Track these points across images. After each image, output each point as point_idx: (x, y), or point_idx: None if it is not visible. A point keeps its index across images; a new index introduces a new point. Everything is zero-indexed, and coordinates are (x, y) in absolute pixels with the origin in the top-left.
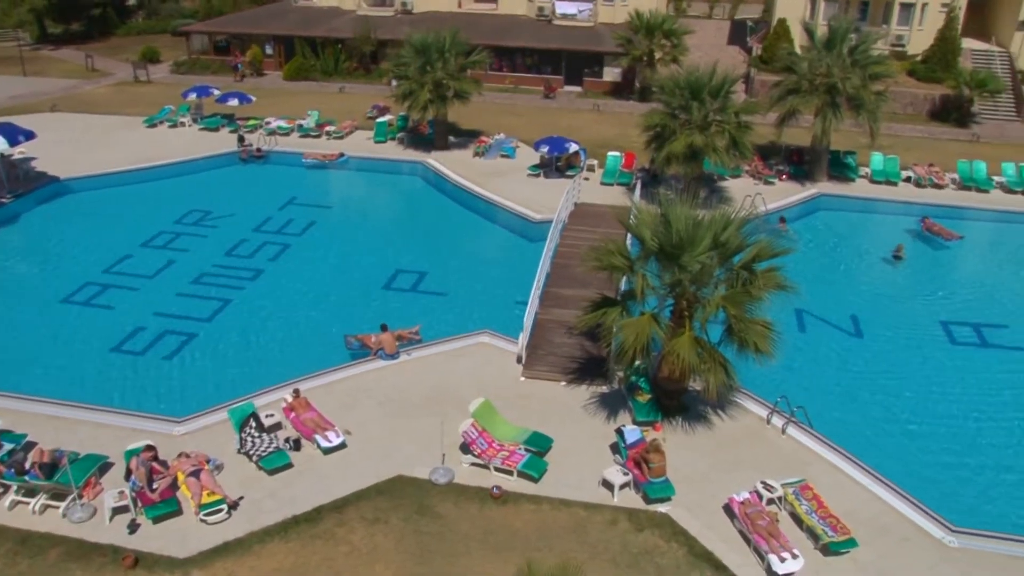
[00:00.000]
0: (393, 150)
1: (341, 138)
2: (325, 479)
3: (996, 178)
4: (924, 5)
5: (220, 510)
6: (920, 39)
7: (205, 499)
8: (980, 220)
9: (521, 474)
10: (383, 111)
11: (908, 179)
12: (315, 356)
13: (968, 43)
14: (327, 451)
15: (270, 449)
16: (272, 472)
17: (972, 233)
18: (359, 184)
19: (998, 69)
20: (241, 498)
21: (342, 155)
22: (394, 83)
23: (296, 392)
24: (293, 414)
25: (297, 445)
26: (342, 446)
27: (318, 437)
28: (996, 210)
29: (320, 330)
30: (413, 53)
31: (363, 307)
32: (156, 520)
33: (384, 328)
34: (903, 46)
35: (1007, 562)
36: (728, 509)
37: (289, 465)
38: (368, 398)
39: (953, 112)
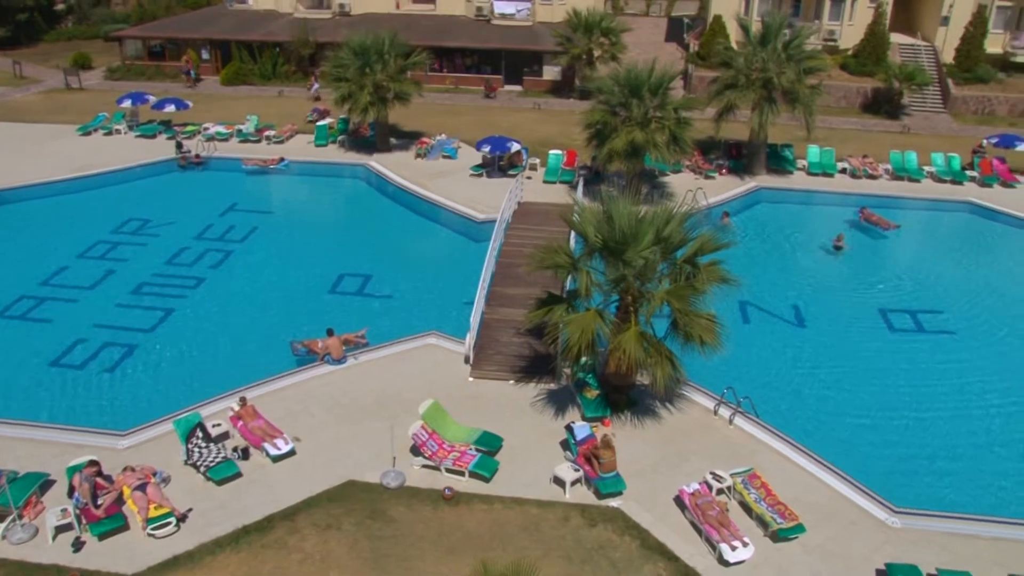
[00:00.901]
0: (334, 153)
1: (281, 142)
2: (275, 487)
3: (926, 168)
4: (854, 1)
5: (168, 523)
6: (851, 34)
7: (152, 513)
8: (913, 209)
9: (472, 474)
10: (323, 114)
11: (844, 170)
12: (261, 363)
13: (896, 38)
14: (276, 459)
15: (218, 459)
16: (221, 482)
17: (906, 222)
18: (301, 188)
19: (924, 63)
20: (190, 510)
21: (283, 160)
22: (315, 87)
23: (243, 400)
24: (240, 423)
25: (245, 454)
26: (291, 453)
27: (267, 445)
28: (927, 199)
29: (266, 337)
30: (352, 55)
31: (309, 312)
32: (102, 537)
33: (330, 333)
34: (835, 41)
35: (946, 539)
36: (679, 501)
37: (238, 475)
38: (316, 404)
39: (884, 104)
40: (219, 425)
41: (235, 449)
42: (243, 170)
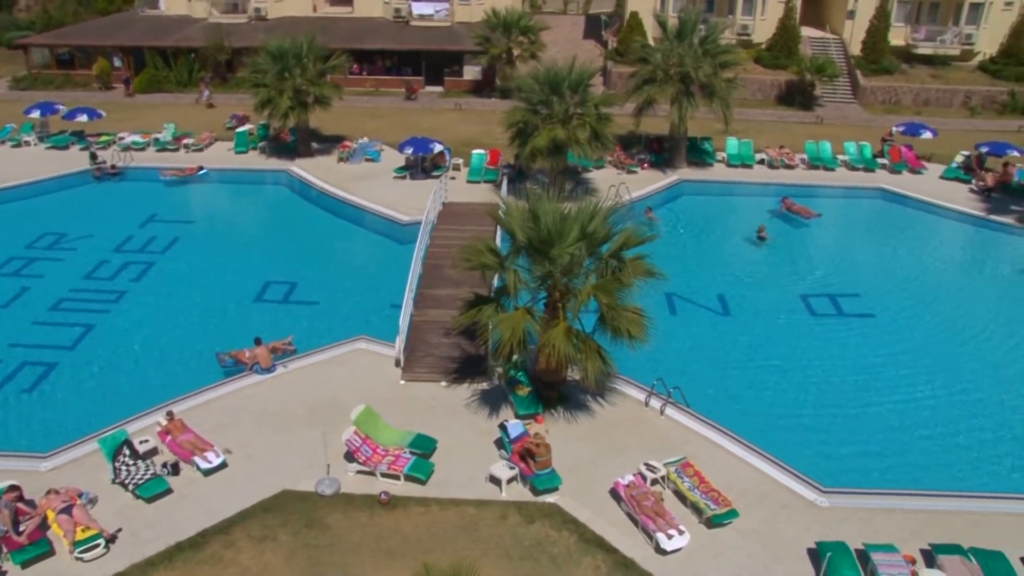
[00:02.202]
0: (255, 160)
1: (200, 150)
2: (208, 501)
3: (840, 157)
4: None
5: (97, 545)
6: (763, 28)
7: (79, 535)
8: (830, 197)
9: (408, 477)
10: (242, 120)
11: (762, 161)
12: (188, 376)
13: (806, 31)
14: (208, 472)
15: (147, 476)
16: (151, 500)
17: (823, 209)
18: (222, 196)
19: (834, 55)
20: (119, 530)
21: (202, 168)
22: (205, 93)
23: (170, 415)
24: (169, 437)
25: (175, 469)
26: (223, 466)
27: (197, 459)
28: (842, 186)
29: (192, 349)
30: (270, 60)
31: (235, 322)
32: (25, 564)
33: (258, 342)
34: (748, 35)
35: (872, 515)
36: (614, 493)
37: (168, 491)
38: (247, 414)
39: (798, 96)
40: (147, 441)
41: (164, 465)
42: (162, 180)
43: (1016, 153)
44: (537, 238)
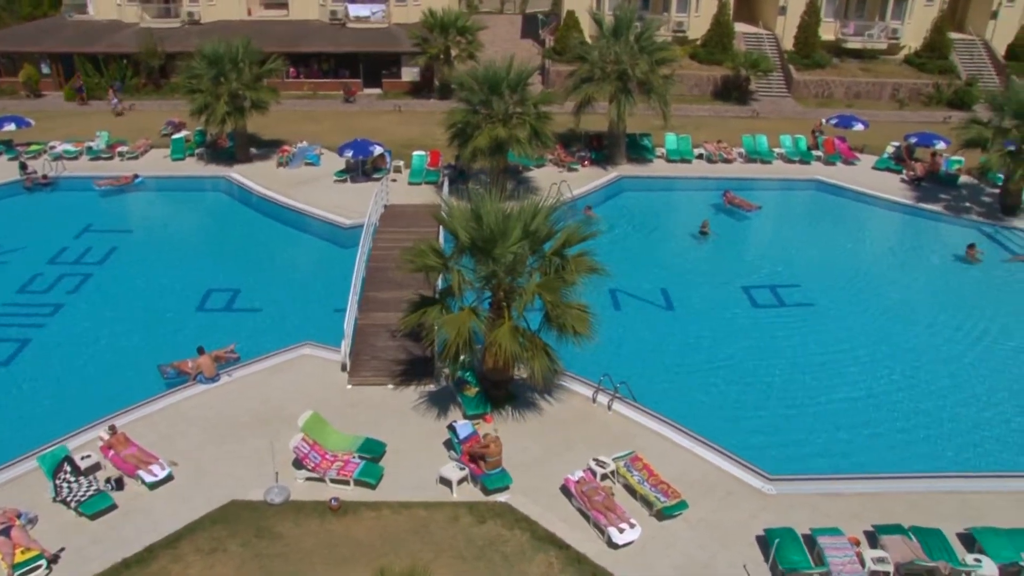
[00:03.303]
0: (193, 167)
1: (136, 158)
2: (154, 515)
3: (776, 150)
4: None
5: (38, 567)
6: (698, 24)
7: (19, 557)
8: (768, 190)
9: (358, 482)
10: (178, 127)
11: (700, 156)
12: (130, 389)
13: (740, 27)
14: (153, 486)
15: (89, 492)
16: (94, 516)
17: (762, 202)
18: (160, 205)
19: (767, 50)
20: (62, 549)
21: (138, 176)
22: (114, 101)
23: (112, 428)
24: (112, 452)
25: (119, 484)
26: (169, 478)
27: (142, 472)
28: (779, 179)
29: (133, 361)
30: (205, 65)
31: (177, 332)
32: None
33: (201, 351)
34: (684, 32)
35: (818, 500)
36: (565, 490)
37: (113, 506)
38: (192, 425)
39: (734, 91)
40: (89, 456)
41: (108, 480)
42: (96, 189)
43: (943, 144)
44: (480, 238)
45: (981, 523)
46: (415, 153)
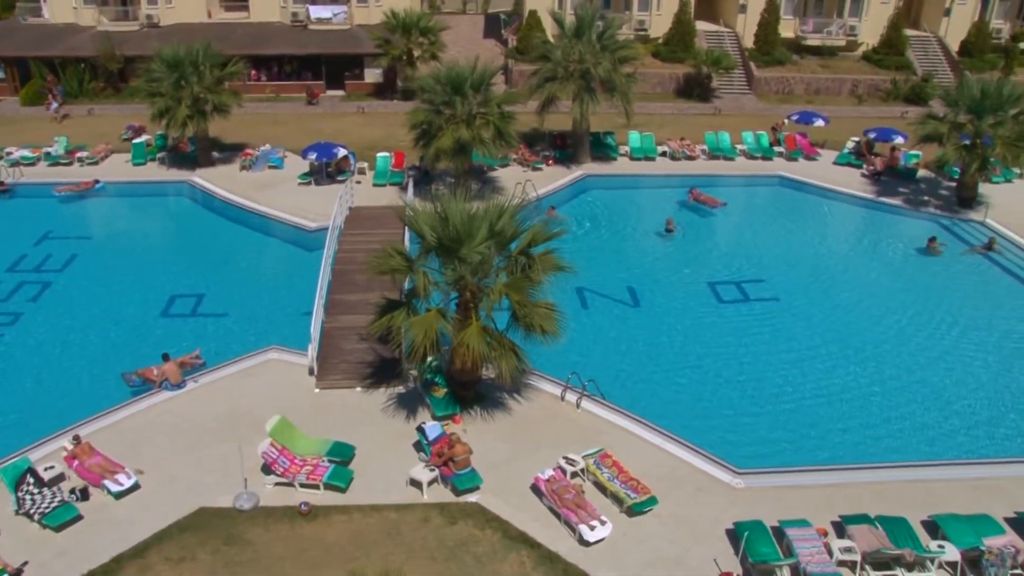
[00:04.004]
0: (154, 171)
1: (96, 163)
2: (121, 525)
3: (739, 146)
4: None
5: None
6: (660, 23)
7: None
8: (731, 186)
9: (328, 486)
10: (139, 131)
11: (664, 154)
12: (94, 398)
13: (701, 25)
14: (119, 495)
15: (53, 504)
16: (59, 528)
17: (726, 198)
18: (122, 210)
19: (729, 48)
20: (26, 563)
21: (98, 182)
22: (53, 106)
23: (76, 438)
24: (76, 462)
25: (84, 495)
26: (135, 487)
27: (107, 482)
28: (743, 175)
29: (96, 369)
30: (165, 68)
31: (141, 338)
32: None
33: (166, 358)
34: (646, 30)
35: (784, 492)
36: (535, 488)
37: (78, 518)
38: (158, 433)
39: (696, 89)
40: (52, 467)
41: (73, 491)
42: (56, 195)
43: (901, 139)
44: (446, 237)
45: (944, 510)
46: (379, 155)
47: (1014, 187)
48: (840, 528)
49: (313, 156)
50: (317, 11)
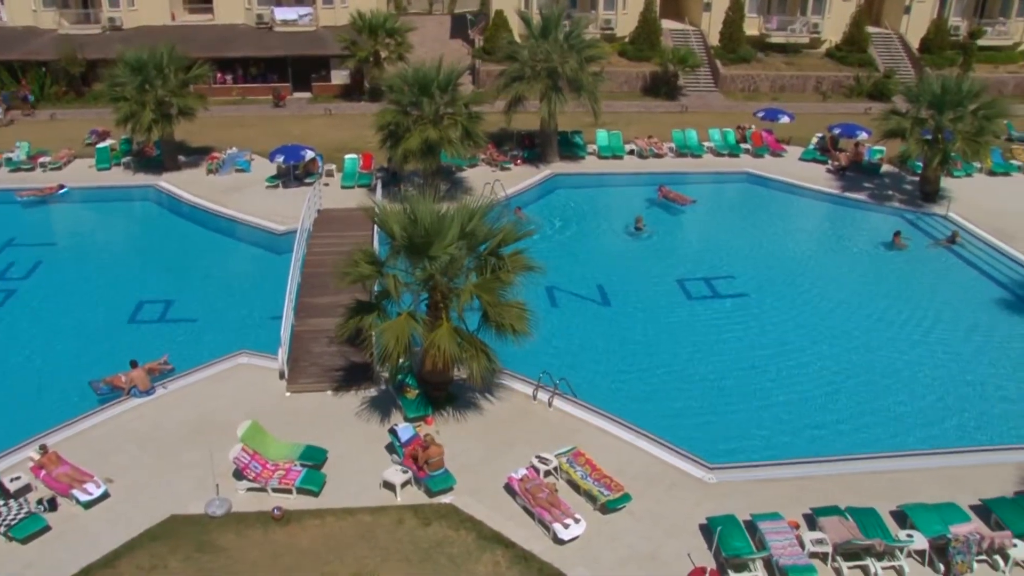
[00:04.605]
0: (119, 176)
1: (59, 168)
2: (91, 535)
3: (706, 143)
4: None
5: None
6: (626, 22)
7: None
8: (699, 183)
9: (300, 490)
10: (103, 136)
11: (632, 152)
12: (61, 406)
13: (667, 24)
14: (88, 504)
15: (20, 515)
16: (26, 540)
17: (694, 195)
18: (87, 216)
19: (694, 46)
20: None
21: (62, 187)
22: None
23: (43, 448)
24: (43, 472)
25: (52, 505)
26: (104, 496)
27: (76, 492)
28: (710, 172)
29: (63, 378)
30: (129, 72)
31: (108, 346)
32: None
33: (134, 365)
34: (612, 29)
35: (756, 486)
36: (508, 488)
37: (46, 528)
38: (128, 440)
39: (662, 87)
40: (19, 478)
41: (40, 501)
42: (18, 202)
43: (865, 134)
44: (416, 239)
45: (912, 500)
46: (347, 157)
47: (975, 181)
48: (811, 520)
49: (280, 159)
50: (282, 13)
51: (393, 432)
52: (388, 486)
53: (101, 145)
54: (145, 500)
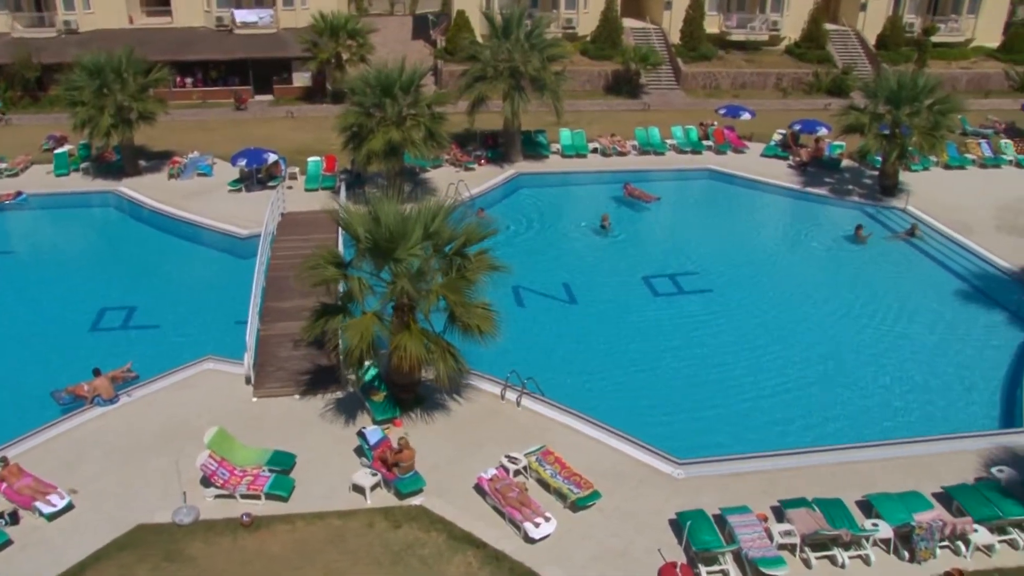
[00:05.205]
0: (79, 182)
1: (16, 175)
2: (55, 548)
3: (668, 141)
4: None
5: None
6: (587, 21)
7: None
8: (663, 180)
9: (269, 496)
10: (61, 141)
11: (595, 150)
12: (22, 418)
13: (628, 22)
14: (52, 517)
15: None
16: None
17: (658, 192)
18: (45, 223)
19: (655, 44)
20: None
21: (20, 194)
22: None
23: (3, 460)
24: (4, 484)
25: (14, 518)
26: (69, 508)
27: (38, 504)
28: (673, 169)
29: (24, 388)
30: (86, 76)
31: (70, 354)
32: None
33: (97, 373)
34: (573, 28)
35: (724, 480)
36: (479, 488)
37: (8, 543)
38: (92, 449)
39: (624, 85)
40: None
41: (1, 515)
42: None
43: (825, 130)
44: (381, 240)
45: (876, 490)
46: (310, 159)
47: (932, 175)
48: (779, 512)
49: (243, 162)
50: (242, 15)
51: (362, 435)
52: (358, 489)
53: (59, 151)
54: (111, 510)
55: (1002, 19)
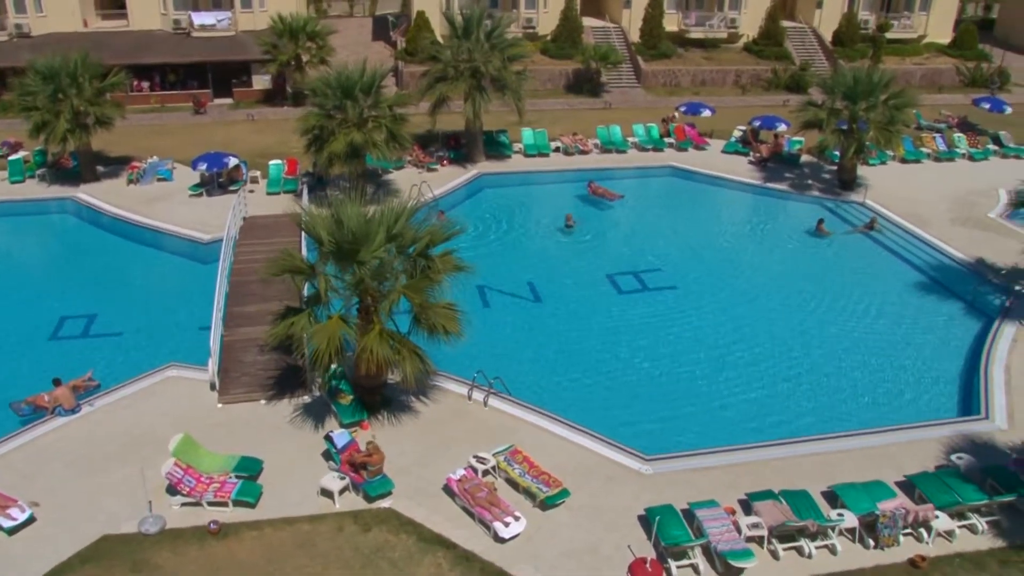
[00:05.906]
0: (34, 189)
1: None
2: (16, 563)
3: (630, 139)
4: None
5: None
6: (547, 20)
7: None
8: (625, 178)
9: (237, 502)
10: (15, 147)
11: (557, 149)
12: None
13: (588, 21)
14: (12, 531)
15: None
16: None
17: (621, 190)
18: (1, 231)
19: (616, 43)
20: None
21: None
22: None
23: None
24: None
25: None
26: (30, 521)
27: None
28: (635, 167)
29: None
30: (40, 81)
31: (29, 364)
32: None
33: (57, 383)
34: (533, 28)
35: (692, 475)
36: (447, 489)
37: None
38: (54, 461)
39: (585, 84)
40: None
41: None
42: None
43: (784, 126)
44: (344, 243)
45: (841, 480)
46: (272, 162)
47: (889, 169)
48: (747, 505)
49: (203, 167)
50: (200, 18)
51: (329, 439)
52: (326, 493)
53: (14, 157)
54: (74, 522)
55: (952, 16)
